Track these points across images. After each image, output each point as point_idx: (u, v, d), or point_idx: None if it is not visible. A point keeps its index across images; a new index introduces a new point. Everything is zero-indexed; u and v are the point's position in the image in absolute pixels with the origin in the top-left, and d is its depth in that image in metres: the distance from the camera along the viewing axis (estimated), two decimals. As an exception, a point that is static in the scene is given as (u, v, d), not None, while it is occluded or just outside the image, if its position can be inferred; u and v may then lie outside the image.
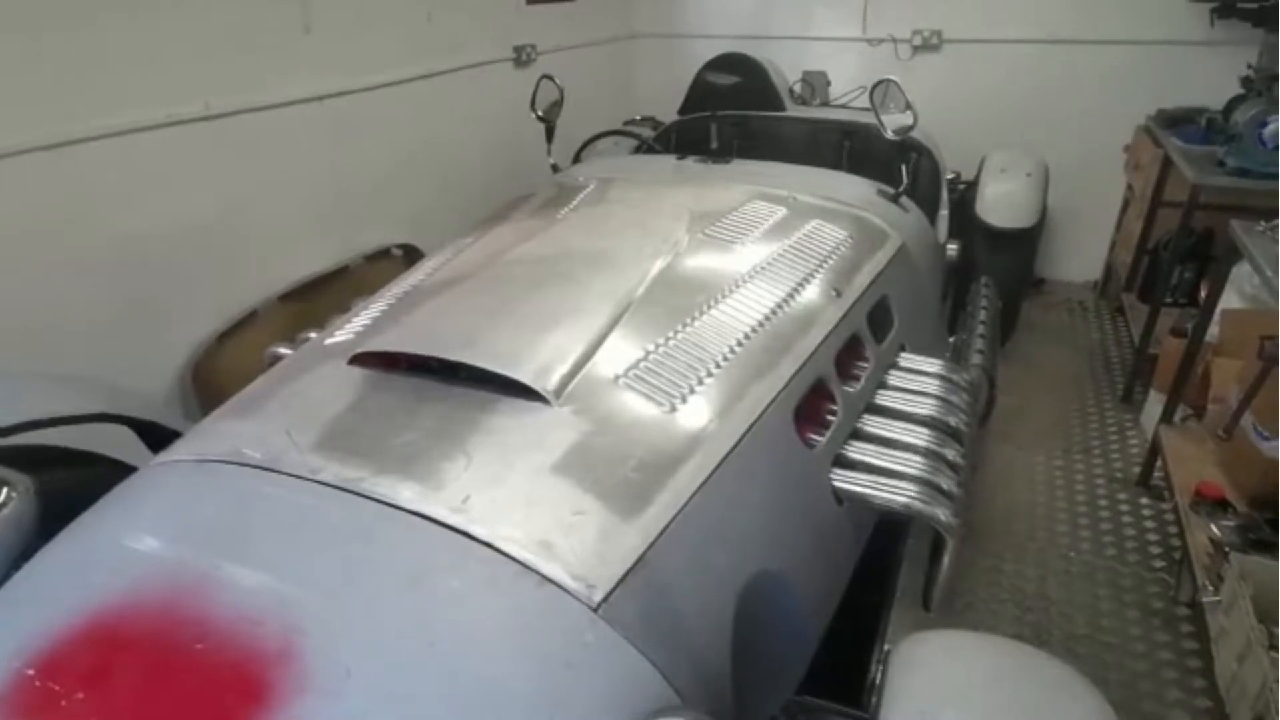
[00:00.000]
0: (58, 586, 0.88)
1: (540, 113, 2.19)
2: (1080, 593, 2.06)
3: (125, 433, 1.58)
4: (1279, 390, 1.80)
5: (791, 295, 1.41)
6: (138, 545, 0.89)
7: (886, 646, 1.62)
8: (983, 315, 2.15)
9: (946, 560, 1.27)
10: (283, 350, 1.68)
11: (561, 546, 0.86)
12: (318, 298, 2.47)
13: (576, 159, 2.55)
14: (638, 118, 3.67)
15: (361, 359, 1.17)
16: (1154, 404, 2.72)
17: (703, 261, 1.48)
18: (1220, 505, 1.95)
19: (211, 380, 2.19)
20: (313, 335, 1.74)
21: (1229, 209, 2.70)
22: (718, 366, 1.18)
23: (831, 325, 1.39)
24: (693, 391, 1.12)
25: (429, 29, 2.94)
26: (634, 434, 1.03)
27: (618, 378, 1.11)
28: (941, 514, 1.20)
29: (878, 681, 0.92)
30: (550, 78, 2.16)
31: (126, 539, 0.91)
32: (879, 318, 1.58)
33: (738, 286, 1.39)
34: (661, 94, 4.15)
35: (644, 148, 2.78)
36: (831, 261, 1.57)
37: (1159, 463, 2.40)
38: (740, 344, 1.24)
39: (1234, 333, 2.35)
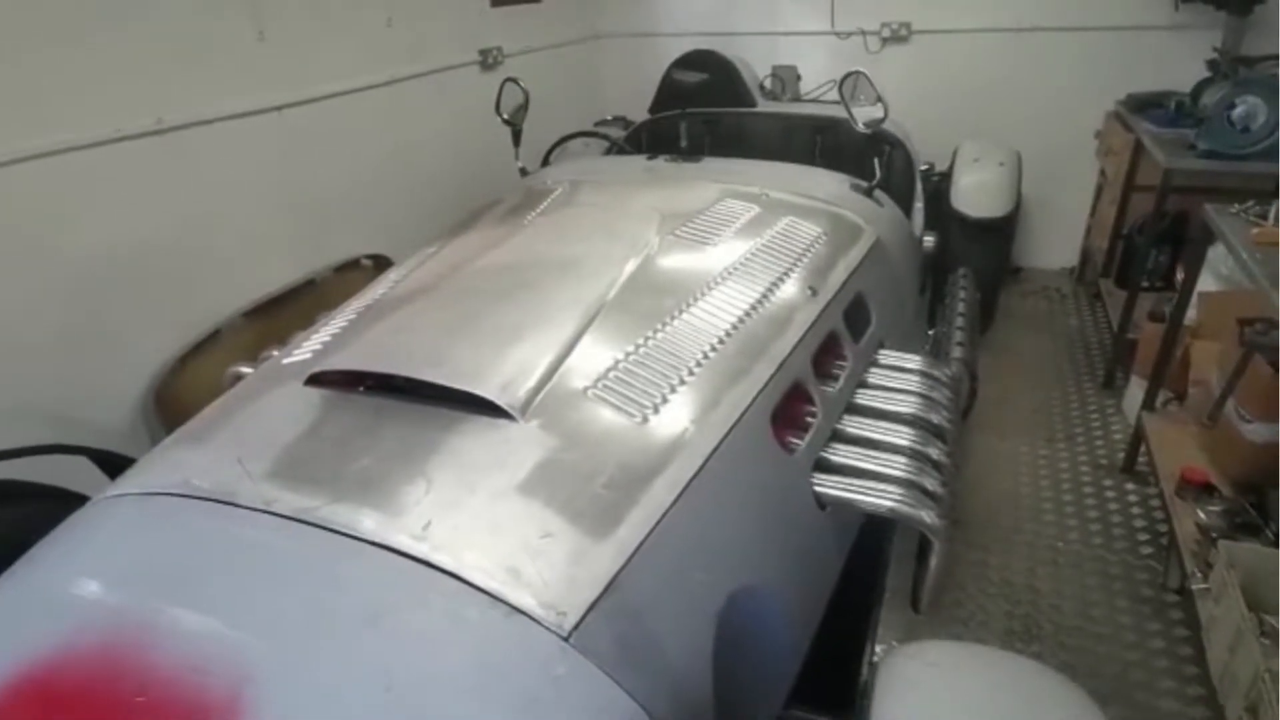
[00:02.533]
0: (-8, 637, 0.83)
1: (506, 116, 2.14)
2: (1069, 583, 2.04)
3: (87, 463, 1.52)
4: (1259, 375, 1.79)
5: (766, 296, 1.38)
6: (76, 590, 0.83)
7: (878, 647, 1.59)
8: (961, 307, 2.13)
9: (934, 562, 1.24)
10: (244, 370, 1.62)
11: (529, 572, 0.82)
12: (284, 313, 2.40)
13: (545, 162, 2.50)
14: (608, 118, 3.63)
15: (319, 378, 1.12)
16: (1135, 389, 2.72)
17: (673, 263, 1.44)
18: (1206, 490, 1.94)
19: (175, 404, 2.12)
20: (274, 353, 1.69)
21: (1201, 191, 2.70)
22: (691, 373, 1.14)
23: (808, 325, 1.35)
24: (665, 400, 1.08)
25: (390, 34, 2.88)
26: (604, 448, 0.99)
27: (587, 389, 1.07)
28: (927, 517, 1.17)
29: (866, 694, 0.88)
30: (515, 80, 2.11)
31: (65, 583, 0.85)
32: (856, 315, 1.54)
33: (710, 288, 1.35)
34: (630, 93, 4.11)
35: (614, 148, 2.74)
36: (806, 259, 1.54)
37: (1143, 449, 2.40)
38: (714, 348, 1.20)
39: (1211, 315, 2.35)
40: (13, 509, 1.29)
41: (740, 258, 1.47)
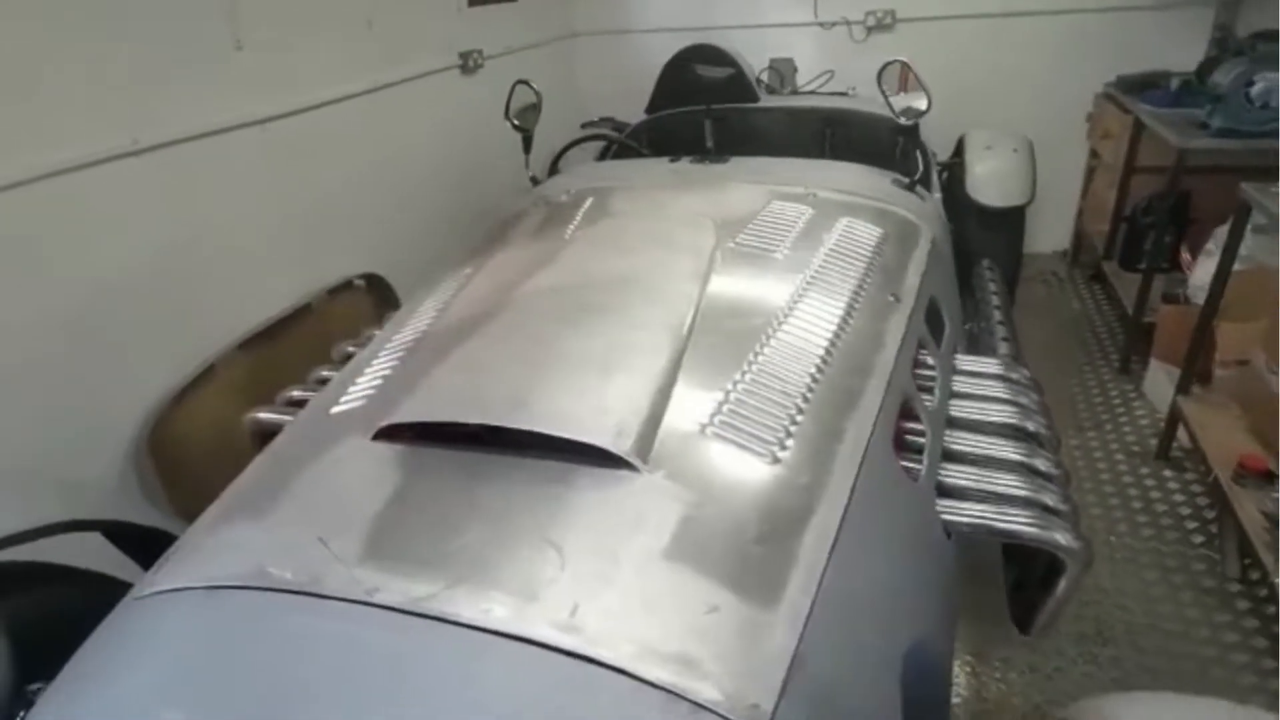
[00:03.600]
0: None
1: (516, 121, 2.00)
2: (1129, 579, 1.98)
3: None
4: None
5: (852, 306, 1.27)
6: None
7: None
8: (996, 300, 2.07)
9: (1063, 586, 1.14)
10: (264, 415, 1.47)
11: (704, 658, 0.70)
12: (281, 342, 2.23)
13: (553, 169, 2.36)
14: (596, 119, 3.50)
15: (388, 432, 0.98)
16: (1156, 372, 2.70)
17: (746, 277, 1.33)
18: (1267, 477, 1.90)
19: (170, 448, 1.93)
20: (295, 393, 1.54)
21: (1202, 171, 2.70)
22: (805, 400, 1.03)
23: (901, 336, 1.26)
24: (789, 435, 0.96)
25: (371, 38, 2.70)
26: (742, 497, 0.87)
27: (704, 427, 0.95)
28: (1061, 538, 1.07)
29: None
30: (526, 82, 1.97)
31: (141, 709, 0.70)
32: (934, 320, 1.45)
33: (795, 302, 1.24)
34: (612, 93, 3.99)
35: (614, 150, 2.61)
36: (878, 263, 1.44)
37: (1177, 434, 2.37)
38: (820, 369, 1.10)
39: (1237, 295, 2.32)
40: (29, 595, 1.12)
41: (814, 266, 1.36)
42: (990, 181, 2.60)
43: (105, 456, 1.85)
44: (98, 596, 1.15)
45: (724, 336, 1.13)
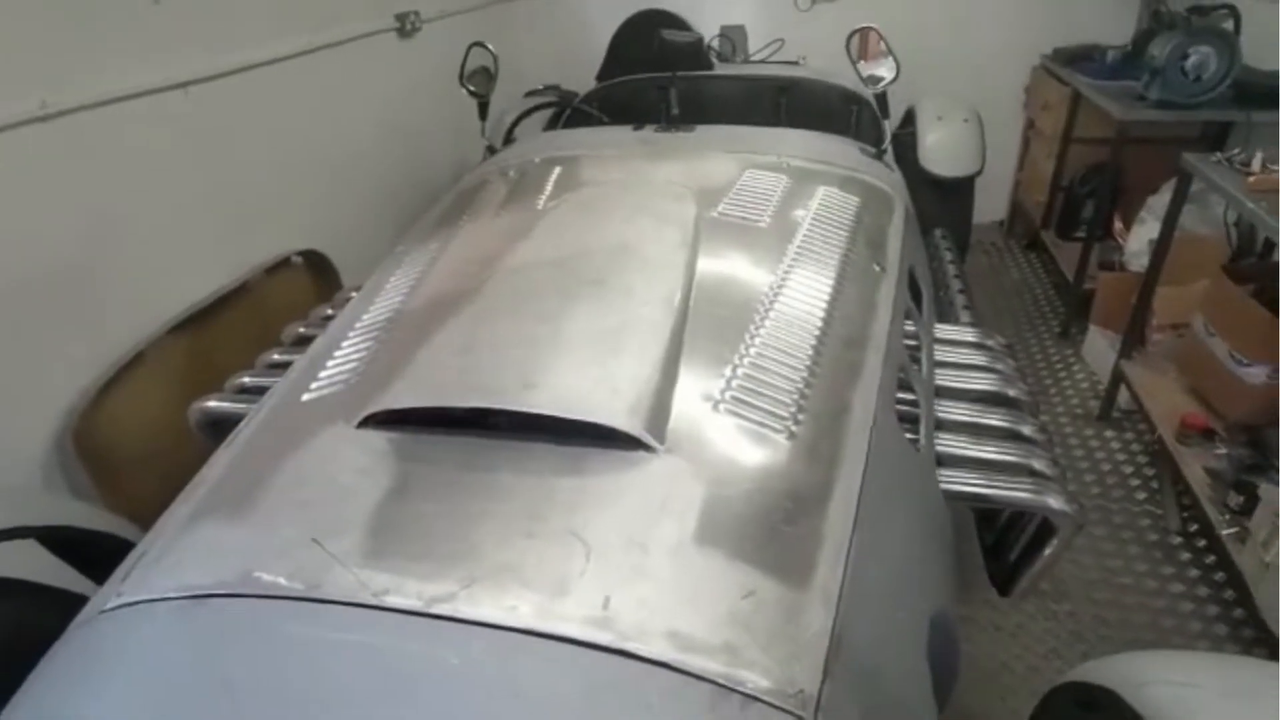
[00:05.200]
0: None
1: (472, 87, 1.89)
2: (1080, 535, 2.06)
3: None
4: (1258, 318, 1.84)
5: (842, 277, 1.25)
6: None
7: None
8: (954, 270, 2.10)
9: (1053, 549, 1.17)
10: (213, 404, 1.36)
11: (747, 645, 0.66)
12: (217, 325, 2.08)
13: (509, 137, 2.26)
14: (540, 87, 3.37)
15: (374, 419, 0.91)
16: (1094, 337, 2.80)
17: (733, 248, 1.29)
18: (1206, 435, 1.99)
19: (98, 443, 1.78)
20: (247, 379, 1.43)
21: (1132, 142, 2.79)
22: (811, 373, 1.00)
23: (890, 305, 1.25)
24: (801, 409, 0.93)
25: (299, -5, 2.52)
26: (765, 476, 0.84)
27: (717, 404, 0.91)
28: (1053, 502, 1.09)
29: None
30: (482, 44, 1.87)
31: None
32: (913, 290, 1.45)
33: (787, 274, 1.21)
34: (550, 59, 3.86)
35: (564, 118, 2.51)
36: (860, 233, 1.42)
37: (1118, 397, 2.47)
38: (820, 341, 1.07)
39: (1168, 261, 2.42)
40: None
41: (800, 236, 1.34)
42: (943, 151, 2.62)
43: (26, 451, 1.69)
44: (40, 610, 1.05)
45: (721, 309, 1.10)
